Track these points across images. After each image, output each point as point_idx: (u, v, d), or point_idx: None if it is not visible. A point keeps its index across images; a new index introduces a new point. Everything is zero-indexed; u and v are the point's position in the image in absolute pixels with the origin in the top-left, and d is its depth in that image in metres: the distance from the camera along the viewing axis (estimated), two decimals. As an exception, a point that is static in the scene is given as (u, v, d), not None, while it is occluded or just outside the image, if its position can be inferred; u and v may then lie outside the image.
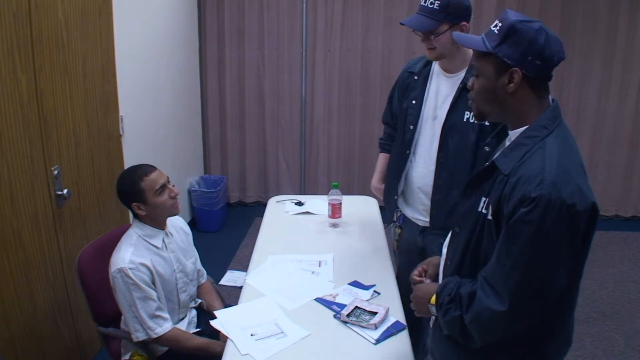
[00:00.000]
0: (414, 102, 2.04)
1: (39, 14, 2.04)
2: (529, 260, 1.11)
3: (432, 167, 1.99)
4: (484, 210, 1.23)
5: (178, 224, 2.08)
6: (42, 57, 2.07)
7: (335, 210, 2.47)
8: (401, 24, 1.90)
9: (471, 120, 1.87)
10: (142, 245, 1.87)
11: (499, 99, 1.22)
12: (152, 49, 3.38)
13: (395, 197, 2.17)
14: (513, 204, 1.12)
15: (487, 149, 1.43)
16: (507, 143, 1.28)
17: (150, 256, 1.86)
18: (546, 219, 1.08)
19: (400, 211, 2.20)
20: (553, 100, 1.25)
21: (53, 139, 2.18)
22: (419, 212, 2.10)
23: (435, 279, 1.52)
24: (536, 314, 1.18)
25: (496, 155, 1.25)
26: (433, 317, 1.45)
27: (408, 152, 2.07)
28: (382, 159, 2.42)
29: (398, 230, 2.24)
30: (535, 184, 1.09)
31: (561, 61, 1.19)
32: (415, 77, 2.06)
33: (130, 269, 1.76)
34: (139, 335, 1.80)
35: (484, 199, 1.23)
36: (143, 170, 1.87)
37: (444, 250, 1.45)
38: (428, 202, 2.04)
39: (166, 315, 1.85)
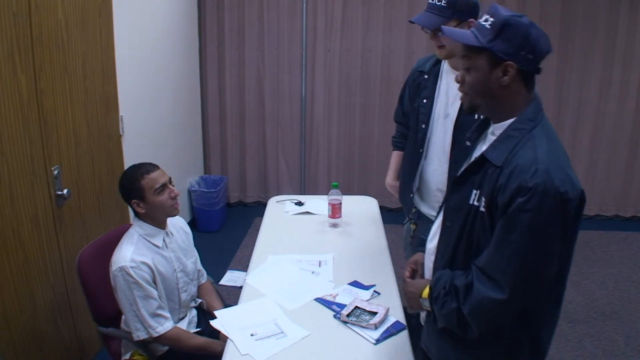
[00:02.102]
0: (425, 100, 2.06)
1: (39, 14, 2.04)
2: (527, 247, 1.14)
3: (446, 165, 2.01)
4: (475, 203, 1.25)
5: (178, 224, 2.09)
6: (42, 57, 2.07)
7: (335, 210, 2.47)
8: (410, 21, 1.93)
9: (482, 117, 1.88)
10: (143, 244, 1.87)
11: (492, 92, 1.24)
12: (152, 49, 3.38)
13: (411, 194, 2.18)
14: (509, 193, 1.15)
15: (468, 143, 1.45)
16: (490, 136, 1.32)
17: (151, 255, 1.86)
18: (542, 206, 1.12)
19: (416, 207, 2.21)
20: (535, 94, 1.29)
21: (53, 139, 2.18)
22: (434, 209, 2.12)
23: (423, 276, 1.54)
24: (534, 300, 1.22)
25: (484, 148, 1.28)
26: (424, 313, 1.48)
27: (421, 150, 2.09)
28: (395, 156, 2.44)
29: (413, 226, 2.24)
30: (531, 174, 1.13)
31: (548, 54, 1.23)
32: (426, 76, 2.08)
33: (131, 267, 1.77)
34: (140, 335, 1.80)
35: (475, 191, 1.25)
36: (145, 168, 1.88)
37: (429, 245, 1.47)
38: (443, 199, 2.05)
39: (167, 315, 1.85)
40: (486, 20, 1.22)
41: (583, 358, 2.72)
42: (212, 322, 1.76)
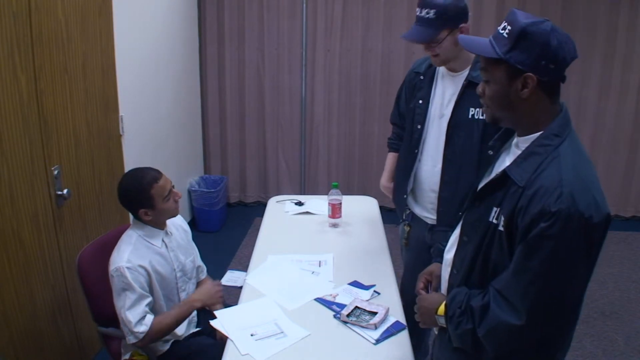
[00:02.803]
0: (420, 101, 2.06)
1: (39, 14, 2.04)
2: (548, 274, 1.09)
3: (440, 166, 2.00)
4: (494, 221, 1.19)
5: (177, 222, 2.09)
6: (42, 57, 2.07)
7: (335, 210, 2.47)
8: (402, 37, 1.92)
9: (476, 117, 1.89)
10: (142, 244, 1.87)
11: (512, 104, 1.18)
12: (152, 49, 3.38)
13: (405, 196, 2.18)
14: (530, 217, 1.09)
15: (490, 152, 1.40)
16: (514, 148, 1.26)
17: (150, 255, 1.86)
18: (565, 233, 1.06)
19: (410, 209, 2.21)
20: (562, 104, 1.22)
21: (53, 139, 2.18)
22: (427, 211, 2.12)
23: (438, 289, 1.50)
24: (551, 326, 1.16)
25: (507, 165, 1.21)
26: (436, 328, 1.43)
27: (416, 151, 2.08)
28: (391, 158, 2.43)
29: (407, 228, 2.24)
30: (555, 198, 1.06)
31: (573, 60, 1.15)
32: (422, 77, 2.08)
33: (127, 267, 1.76)
34: (130, 339, 1.80)
35: (495, 209, 1.20)
36: (152, 176, 1.85)
37: (447, 256, 1.42)
38: (436, 200, 2.05)
39: (150, 315, 1.82)
40: (504, 29, 1.16)
41: (583, 358, 2.72)
42: (212, 322, 1.76)
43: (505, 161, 1.26)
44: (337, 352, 1.60)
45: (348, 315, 1.72)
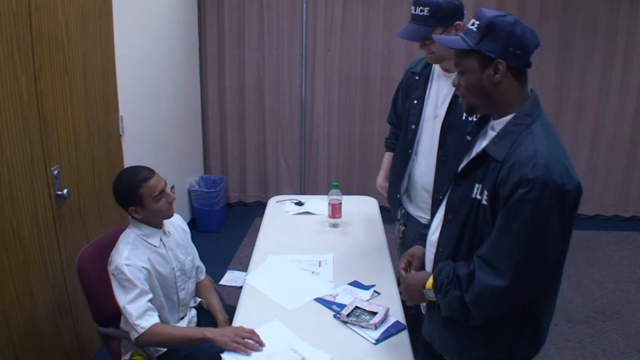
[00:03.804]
0: (415, 101, 2.07)
1: (39, 14, 2.04)
2: (528, 236, 1.19)
3: (434, 166, 2.00)
4: (478, 197, 1.29)
5: (176, 222, 2.08)
6: (42, 57, 2.07)
7: (335, 210, 2.47)
8: (397, 36, 1.94)
9: (470, 119, 1.89)
10: (140, 243, 1.87)
11: (486, 91, 1.30)
12: (152, 48, 3.38)
13: (399, 195, 2.18)
14: (510, 186, 1.19)
15: (468, 138, 1.50)
16: (490, 131, 1.36)
17: (148, 254, 1.86)
18: (542, 197, 1.17)
19: (405, 209, 2.21)
20: (532, 90, 1.34)
21: (53, 139, 2.18)
22: (421, 210, 2.12)
23: (420, 270, 1.57)
24: (533, 288, 1.26)
25: (484, 144, 1.32)
26: (424, 304, 1.50)
27: (410, 151, 2.09)
28: (387, 157, 2.45)
29: (402, 228, 2.25)
30: (530, 167, 1.18)
31: (537, 48, 1.28)
32: (417, 77, 2.08)
33: (126, 265, 1.77)
34: (133, 334, 1.79)
35: (477, 185, 1.30)
36: (143, 175, 1.85)
37: (431, 238, 1.50)
38: (430, 200, 2.05)
39: (155, 313, 1.81)
40: (473, 24, 1.28)
41: (583, 358, 2.72)
42: (224, 356, 1.60)
43: (482, 144, 1.36)
44: (337, 352, 1.59)
45: (348, 315, 1.73)
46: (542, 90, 4.35)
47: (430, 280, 1.39)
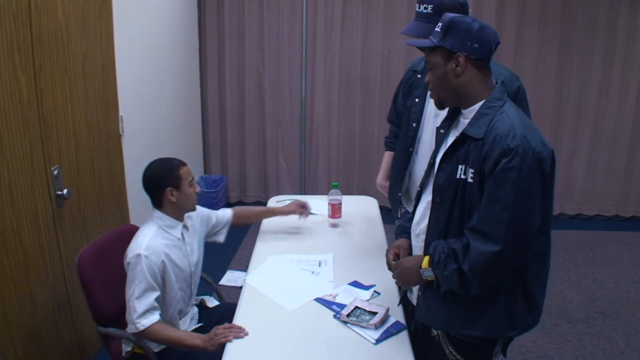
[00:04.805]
0: (417, 100, 2.07)
1: (39, 14, 2.04)
2: (514, 200, 1.30)
3: None
4: (462, 176, 1.40)
5: (204, 214, 2.21)
6: (42, 57, 2.07)
7: (335, 210, 2.47)
8: (401, 32, 1.95)
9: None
10: (161, 235, 1.89)
11: (451, 82, 1.43)
12: (152, 49, 3.38)
13: (399, 194, 2.18)
14: (494, 158, 1.31)
15: (442, 131, 1.58)
16: (461, 120, 1.48)
17: (168, 246, 1.88)
18: (524, 163, 1.29)
19: (405, 207, 2.21)
20: (496, 81, 1.48)
21: (53, 139, 2.18)
22: None
23: None
24: (524, 250, 1.36)
25: (462, 129, 1.43)
26: (418, 287, 1.57)
27: (411, 149, 2.09)
28: (387, 157, 2.44)
29: None
30: (510, 138, 1.30)
31: (497, 44, 1.41)
32: (419, 76, 2.08)
33: (145, 256, 1.78)
34: (131, 327, 1.80)
35: (460, 166, 1.41)
36: (179, 161, 1.95)
37: (418, 228, 1.58)
38: None
39: (157, 311, 1.82)
40: (438, 26, 1.43)
41: (583, 358, 2.72)
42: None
43: (456, 133, 1.46)
44: (337, 352, 1.59)
45: (348, 315, 1.73)
46: (542, 90, 4.37)
47: (426, 259, 1.46)
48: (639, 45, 4.26)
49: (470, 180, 1.37)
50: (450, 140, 1.49)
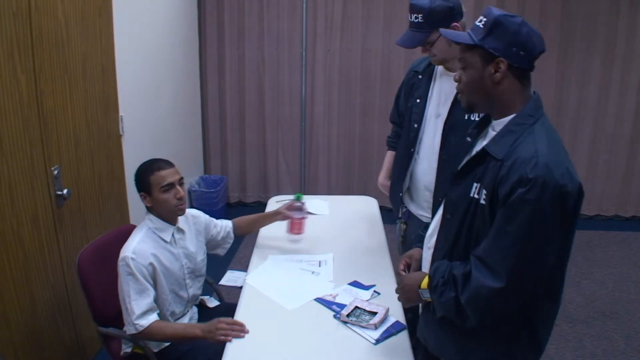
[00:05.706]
0: (418, 100, 2.07)
1: (39, 14, 2.04)
2: (525, 237, 1.17)
3: (436, 165, 2.01)
4: (476, 196, 1.28)
5: (191, 218, 2.12)
6: (42, 57, 2.07)
7: (295, 225, 2.31)
8: (396, 44, 1.96)
9: (472, 118, 1.89)
10: (150, 237, 1.89)
11: (486, 88, 1.28)
12: (152, 49, 3.38)
13: (400, 194, 2.19)
14: (510, 184, 1.17)
15: (469, 139, 1.48)
16: (490, 131, 1.34)
17: (156, 249, 1.87)
18: (542, 198, 1.14)
19: (406, 207, 2.22)
20: (535, 92, 1.32)
21: (53, 139, 2.18)
22: (423, 209, 2.13)
23: (418, 271, 1.55)
24: (529, 290, 1.24)
25: (485, 143, 1.30)
26: (421, 305, 1.49)
27: (412, 150, 2.09)
28: (389, 156, 2.45)
29: (403, 226, 2.25)
30: (531, 166, 1.16)
31: (542, 53, 1.26)
32: (420, 76, 2.09)
33: (131, 258, 1.78)
34: (129, 329, 1.80)
35: (475, 184, 1.28)
36: (158, 164, 1.91)
37: (431, 240, 1.48)
38: (432, 199, 2.05)
39: (154, 311, 1.83)
40: (480, 21, 1.27)
41: (583, 358, 2.72)
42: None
43: (482, 145, 1.34)
44: (337, 352, 1.60)
45: (348, 315, 1.73)
46: (542, 89, 4.35)
47: (426, 280, 1.37)
48: (639, 45, 4.26)
49: (482, 202, 1.25)
50: (475, 151, 1.37)
